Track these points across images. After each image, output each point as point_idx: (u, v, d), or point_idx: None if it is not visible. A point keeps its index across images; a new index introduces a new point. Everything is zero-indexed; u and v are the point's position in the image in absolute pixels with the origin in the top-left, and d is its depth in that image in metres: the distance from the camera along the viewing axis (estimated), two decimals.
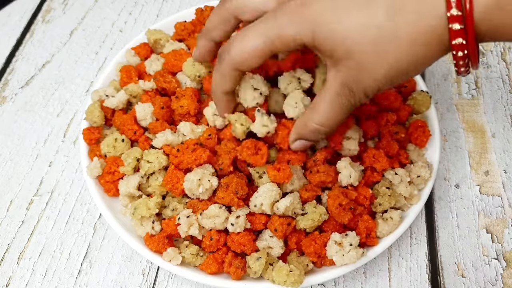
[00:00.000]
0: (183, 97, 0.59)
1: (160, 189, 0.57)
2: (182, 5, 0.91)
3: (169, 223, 0.54)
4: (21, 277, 0.60)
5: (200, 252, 0.54)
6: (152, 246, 0.54)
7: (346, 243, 0.51)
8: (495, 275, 0.58)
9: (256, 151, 0.53)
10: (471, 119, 0.73)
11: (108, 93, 0.64)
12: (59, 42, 0.86)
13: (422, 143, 0.60)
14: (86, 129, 0.63)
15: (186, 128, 0.58)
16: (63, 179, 0.69)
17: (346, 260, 0.50)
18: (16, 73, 0.82)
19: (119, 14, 0.90)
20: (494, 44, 0.82)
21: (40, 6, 0.92)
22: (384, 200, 0.54)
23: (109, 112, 0.64)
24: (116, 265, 0.60)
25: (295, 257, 0.53)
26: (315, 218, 0.52)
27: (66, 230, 0.64)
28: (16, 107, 0.77)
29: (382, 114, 0.61)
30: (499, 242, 0.61)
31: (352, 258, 0.50)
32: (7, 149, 0.73)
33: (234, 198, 0.52)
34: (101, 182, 0.59)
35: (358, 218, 0.53)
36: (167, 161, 0.57)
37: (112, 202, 0.59)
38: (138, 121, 0.61)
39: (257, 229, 0.53)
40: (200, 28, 0.71)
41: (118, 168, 0.58)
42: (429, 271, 0.59)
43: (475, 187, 0.66)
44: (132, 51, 0.69)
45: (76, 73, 0.81)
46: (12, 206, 0.67)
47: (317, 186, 0.54)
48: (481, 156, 0.69)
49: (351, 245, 0.50)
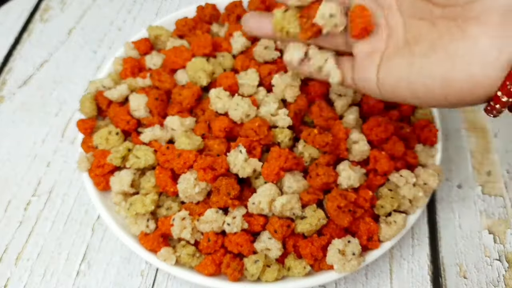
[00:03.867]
0: (186, 88, 0.59)
1: (154, 190, 0.56)
2: (181, 3, 0.90)
3: (165, 221, 0.54)
4: (19, 278, 0.60)
5: (197, 253, 0.54)
6: (146, 244, 0.53)
7: (349, 252, 0.50)
8: (497, 276, 0.58)
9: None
10: (473, 118, 0.72)
11: (105, 84, 0.64)
12: (57, 41, 0.85)
13: (432, 142, 0.60)
14: (80, 120, 0.63)
15: (174, 122, 0.58)
16: (61, 179, 0.68)
17: (347, 269, 0.50)
18: (14, 72, 0.81)
19: (117, 12, 0.90)
20: None
21: (38, 4, 0.91)
22: (386, 202, 0.53)
23: (105, 104, 0.64)
24: (114, 266, 0.60)
25: (292, 260, 0.53)
26: (313, 223, 0.51)
27: (65, 231, 0.63)
28: (14, 106, 0.77)
29: (385, 112, 0.60)
30: (501, 243, 0.60)
31: (353, 267, 0.50)
32: (4, 149, 0.72)
33: (227, 200, 0.52)
34: (91, 176, 0.59)
35: (360, 221, 0.53)
36: (154, 160, 0.57)
37: (109, 201, 0.58)
38: (131, 112, 0.61)
39: (255, 230, 0.53)
40: (201, 25, 0.70)
41: (106, 160, 0.58)
42: (431, 272, 0.58)
43: (477, 188, 0.65)
44: (132, 45, 0.69)
45: (74, 72, 0.81)
46: (10, 207, 0.66)
47: (319, 190, 0.54)
48: (483, 156, 0.68)
49: (353, 254, 0.50)
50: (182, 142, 0.55)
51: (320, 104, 0.57)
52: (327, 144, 0.53)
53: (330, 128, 0.56)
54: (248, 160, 0.53)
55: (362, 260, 0.51)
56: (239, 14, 0.70)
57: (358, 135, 0.54)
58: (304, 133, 0.55)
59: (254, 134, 0.54)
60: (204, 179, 0.52)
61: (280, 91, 0.58)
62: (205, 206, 0.54)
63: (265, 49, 0.63)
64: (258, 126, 0.54)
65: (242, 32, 0.66)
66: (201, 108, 0.61)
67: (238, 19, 0.71)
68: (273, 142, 0.56)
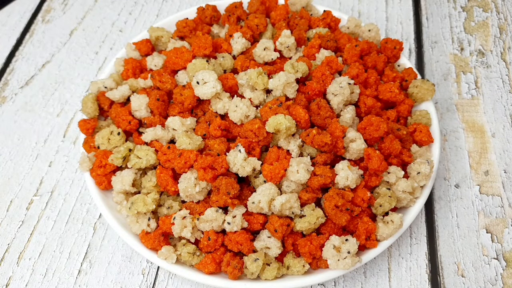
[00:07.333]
0: (187, 89, 0.60)
1: (155, 189, 0.57)
2: (182, 5, 0.91)
3: (166, 220, 0.54)
4: (21, 277, 0.60)
5: (197, 252, 0.54)
6: (147, 243, 0.54)
7: (344, 250, 0.51)
8: (495, 275, 0.58)
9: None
10: (471, 119, 0.73)
11: (107, 85, 0.65)
12: (59, 42, 0.86)
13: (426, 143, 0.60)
14: (81, 121, 0.63)
15: (175, 123, 0.58)
16: (63, 179, 0.69)
17: (340, 266, 0.51)
18: (16, 73, 0.82)
19: (119, 14, 0.90)
20: (494, 44, 0.82)
21: (40, 6, 0.92)
22: (385, 201, 0.54)
23: (106, 104, 0.64)
24: (116, 265, 0.60)
25: (291, 258, 0.53)
26: (311, 221, 0.52)
27: (66, 230, 0.64)
28: (16, 107, 0.77)
29: (383, 112, 0.61)
30: (499, 242, 0.61)
31: (346, 265, 0.51)
32: (7, 149, 0.73)
33: (227, 199, 0.52)
34: (92, 175, 0.59)
35: (358, 221, 0.53)
36: (156, 160, 0.57)
37: (110, 201, 0.59)
38: (132, 112, 0.62)
39: (255, 229, 0.54)
40: (201, 26, 0.71)
41: (108, 160, 0.58)
42: (429, 271, 0.59)
43: (475, 187, 0.66)
44: (133, 45, 0.70)
45: (76, 73, 0.81)
46: (12, 206, 0.67)
47: (318, 189, 0.54)
48: (481, 156, 0.69)
49: (349, 252, 0.51)
50: (183, 142, 0.56)
51: (319, 102, 0.57)
52: (326, 144, 0.53)
53: (327, 127, 0.57)
54: (247, 159, 0.54)
55: (358, 261, 0.51)
56: (239, 15, 0.71)
57: (355, 134, 0.55)
58: (303, 134, 0.55)
59: (253, 135, 0.55)
60: (204, 178, 0.53)
61: (280, 91, 0.58)
62: (206, 205, 0.54)
63: (265, 50, 0.64)
64: (257, 128, 0.55)
65: (242, 33, 0.67)
66: (201, 108, 0.61)
67: (238, 21, 0.71)
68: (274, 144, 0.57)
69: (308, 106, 0.58)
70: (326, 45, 0.66)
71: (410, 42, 0.83)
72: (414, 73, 0.66)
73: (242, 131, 0.56)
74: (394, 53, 0.67)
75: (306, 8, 0.73)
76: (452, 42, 0.82)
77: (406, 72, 0.66)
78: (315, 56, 0.65)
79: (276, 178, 0.53)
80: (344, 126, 0.56)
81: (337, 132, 0.55)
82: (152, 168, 0.59)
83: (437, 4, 0.88)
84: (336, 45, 0.67)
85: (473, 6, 0.88)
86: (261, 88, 0.58)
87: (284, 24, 0.69)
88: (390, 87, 0.61)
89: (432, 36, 0.83)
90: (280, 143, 0.56)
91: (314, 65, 0.63)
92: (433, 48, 0.82)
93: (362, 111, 0.59)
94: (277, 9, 0.71)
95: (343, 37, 0.68)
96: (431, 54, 0.81)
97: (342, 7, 0.88)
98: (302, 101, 0.58)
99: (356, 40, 0.69)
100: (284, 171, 0.53)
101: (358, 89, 0.60)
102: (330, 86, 0.58)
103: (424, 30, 0.84)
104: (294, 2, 0.73)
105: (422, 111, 0.63)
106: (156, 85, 0.63)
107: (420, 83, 0.63)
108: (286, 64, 0.60)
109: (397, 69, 0.68)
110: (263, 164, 0.55)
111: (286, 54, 0.66)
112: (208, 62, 0.62)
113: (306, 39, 0.69)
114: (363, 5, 0.88)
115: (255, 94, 0.59)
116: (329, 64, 0.62)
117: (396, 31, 0.84)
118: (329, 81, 0.59)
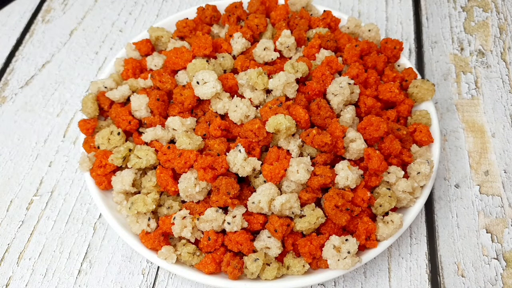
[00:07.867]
0: (187, 89, 0.60)
1: (155, 189, 0.57)
2: (182, 5, 0.91)
3: (166, 220, 0.54)
4: (21, 277, 0.60)
5: (197, 252, 0.54)
6: (147, 243, 0.54)
7: (344, 250, 0.51)
8: (495, 275, 0.58)
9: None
10: (471, 119, 0.73)
11: (107, 85, 0.65)
12: (59, 42, 0.86)
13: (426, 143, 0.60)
14: (81, 121, 0.63)
15: (175, 123, 0.58)
16: (63, 179, 0.69)
17: (340, 266, 0.51)
18: (16, 73, 0.82)
19: (119, 14, 0.90)
20: (494, 44, 0.82)
21: (40, 6, 0.92)
22: (385, 201, 0.54)
23: (106, 104, 0.64)
24: (116, 265, 0.60)
25: (291, 258, 0.53)
26: (311, 221, 0.52)
27: (66, 230, 0.64)
28: (16, 107, 0.77)
29: (383, 111, 0.61)
30: (499, 242, 0.61)
31: (346, 265, 0.51)
32: (7, 149, 0.73)
33: (227, 199, 0.52)
34: (93, 175, 0.59)
35: (358, 221, 0.53)
36: (156, 160, 0.57)
37: (110, 201, 0.59)
38: (132, 112, 0.62)
39: (255, 229, 0.54)
40: (201, 26, 0.71)
41: (108, 160, 0.58)
42: (429, 271, 0.59)
43: (475, 187, 0.66)
44: (133, 45, 0.70)
45: (76, 73, 0.81)
46: (12, 206, 0.67)
47: (318, 189, 0.54)
48: (481, 156, 0.69)
49: (349, 252, 0.51)
50: (183, 142, 0.56)
51: (319, 102, 0.57)
52: (326, 144, 0.53)
53: (327, 127, 0.57)
54: (247, 159, 0.54)
55: (358, 261, 0.51)
56: (239, 15, 0.71)
57: (355, 134, 0.55)
58: (303, 134, 0.55)
59: (253, 135, 0.55)
60: (204, 178, 0.53)
61: (280, 91, 0.58)
62: (206, 205, 0.54)
63: (265, 50, 0.64)
64: (257, 128, 0.55)
65: (242, 33, 0.67)
66: (201, 108, 0.61)
67: (238, 21, 0.71)
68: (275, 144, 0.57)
69: (308, 106, 0.58)
70: (326, 45, 0.66)
71: (410, 42, 0.83)
72: (414, 73, 0.66)
73: (242, 131, 0.56)
74: (394, 53, 0.67)
75: (306, 8, 0.73)
76: (452, 42, 0.82)
77: (406, 72, 0.66)
78: (315, 56, 0.65)
79: (276, 178, 0.53)
80: (344, 126, 0.56)
81: (337, 132, 0.55)
82: (152, 168, 0.59)
83: (437, 4, 0.88)
84: (336, 45, 0.67)
85: (473, 6, 0.88)
86: (261, 88, 0.58)
87: (284, 24, 0.69)
88: (390, 87, 0.61)
89: (432, 36, 0.83)
90: (280, 143, 0.56)
91: (314, 65, 0.63)
92: (433, 48, 0.82)
93: (362, 111, 0.59)
94: (277, 9, 0.71)
95: (343, 37, 0.68)
96: (431, 54, 0.81)
97: (342, 7, 0.88)
98: (302, 101, 0.58)
99: (356, 40, 0.69)
100: (284, 171, 0.53)
101: (358, 89, 0.60)
102: (330, 86, 0.58)
103: (424, 30, 0.84)
104: (294, 2, 0.73)
105: (422, 111, 0.63)
106: (156, 85, 0.63)
107: (420, 83, 0.63)
108: (286, 64, 0.60)
109: (397, 69, 0.68)
110: (263, 164, 0.55)
111: (286, 54, 0.66)
112: (208, 62, 0.62)
113: (306, 39, 0.69)
114: (363, 5, 0.88)
115: (255, 94, 0.59)
116: (329, 64, 0.62)
117: (396, 31, 0.84)
118: (329, 81, 0.59)
